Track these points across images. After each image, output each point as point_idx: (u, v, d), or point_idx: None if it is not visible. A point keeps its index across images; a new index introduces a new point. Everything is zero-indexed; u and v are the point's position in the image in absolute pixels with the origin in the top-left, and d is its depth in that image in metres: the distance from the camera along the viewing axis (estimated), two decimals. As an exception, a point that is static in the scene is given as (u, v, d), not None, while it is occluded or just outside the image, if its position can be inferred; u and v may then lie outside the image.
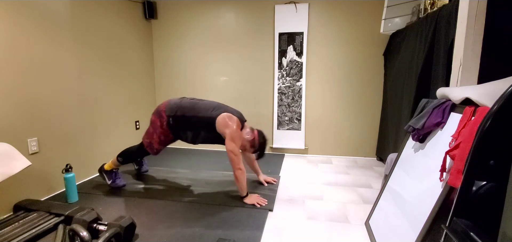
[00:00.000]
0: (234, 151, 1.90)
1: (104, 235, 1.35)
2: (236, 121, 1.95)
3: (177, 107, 2.04)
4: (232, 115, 1.97)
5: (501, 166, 0.80)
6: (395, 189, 1.56)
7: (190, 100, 2.09)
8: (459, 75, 1.46)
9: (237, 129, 1.93)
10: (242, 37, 3.27)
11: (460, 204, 0.87)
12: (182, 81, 3.51)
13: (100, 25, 2.60)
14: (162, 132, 2.09)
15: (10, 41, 1.84)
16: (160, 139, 2.11)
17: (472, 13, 1.39)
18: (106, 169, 2.26)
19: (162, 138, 2.10)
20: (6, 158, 1.56)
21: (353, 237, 1.61)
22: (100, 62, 2.61)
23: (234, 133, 1.90)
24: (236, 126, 1.93)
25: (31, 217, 1.68)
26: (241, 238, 1.57)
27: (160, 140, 2.11)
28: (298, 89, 3.22)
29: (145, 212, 1.88)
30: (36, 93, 2.02)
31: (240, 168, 1.93)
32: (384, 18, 2.63)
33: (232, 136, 1.90)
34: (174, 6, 3.35)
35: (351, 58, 3.08)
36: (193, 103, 2.05)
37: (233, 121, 1.94)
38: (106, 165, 2.26)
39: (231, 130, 1.91)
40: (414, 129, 1.50)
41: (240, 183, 1.97)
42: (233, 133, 1.90)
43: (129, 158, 2.23)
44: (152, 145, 2.12)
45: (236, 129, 1.92)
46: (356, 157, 3.24)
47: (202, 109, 2.00)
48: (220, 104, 2.06)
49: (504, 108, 0.80)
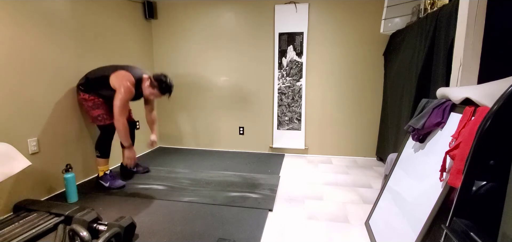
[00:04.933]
0: (117, 103, 2.02)
1: (104, 235, 1.35)
2: (127, 76, 2.08)
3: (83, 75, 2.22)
4: (125, 72, 2.10)
5: (501, 166, 0.80)
6: (395, 189, 1.56)
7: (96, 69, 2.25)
8: (459, 75, 1.46)
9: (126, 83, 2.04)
10: (242, 37, 3.27)
11: (460, 204, 0.87)
12: (182, 81, 3.51)
13: (100, 25, 2.60)
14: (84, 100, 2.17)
15: (11, 41, 1.84)
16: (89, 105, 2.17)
17: (472, 13, 1.39)
18: (100, 176, 2.27)
19: (89, 104, 2.17)
20: (6, 158, 1.56)
21: (353, 237, 1.61)
22: (100, 62, 2.60)
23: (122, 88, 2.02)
24: (126, 81, 2.05)
25: (31, 217, 1.68)
26: (241, 238, 1.57)
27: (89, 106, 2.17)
28: (298, 89, 3.22)
29: (145, 212, 1.88)
30: (37, 93, 2.02)
31: (119, 120, 2.04)
32: (384, 18, 2.63)
33: (120, 90, 2.02)
34: (174, 6, 3.35)
35: (351, 58, 3.08)
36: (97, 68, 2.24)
37: (124, 77, 2.06)
38: (99, 172, 2.27)
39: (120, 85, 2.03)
40: (414, 129, 1.50)
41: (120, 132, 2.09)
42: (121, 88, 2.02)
43: (101, 147, 2.22)
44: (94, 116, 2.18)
45: (126, 83, 2.04)
46: (356, 157, 3.25)
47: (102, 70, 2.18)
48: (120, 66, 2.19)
49: (504, 108, 0.80)
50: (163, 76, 2.19)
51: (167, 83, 2.20)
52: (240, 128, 3.48)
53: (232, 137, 3.52)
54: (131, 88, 2.07)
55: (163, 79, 2.18)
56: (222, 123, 3.51)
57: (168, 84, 2.21)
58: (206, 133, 3.57)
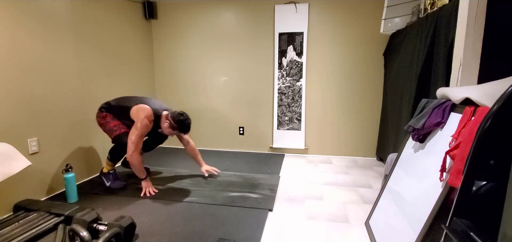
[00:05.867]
0: (132, 138, 2.04)
1: (104, 235, 1.35)
2: (147, 111, 2.09)
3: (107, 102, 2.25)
4: (145, 107, 2.12)
5: (501, 166, 0.80)
6: (395, 189, 1.56)
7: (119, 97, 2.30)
8: (459, 75, 1.46)
9: (144, 118, 2.05)
10: (242, 37, 3.27)
11: (460, 204, 0.87)
12: (182, 81, 3.51)
13: (100, 25, 2.60)
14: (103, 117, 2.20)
15: (11, 40, 1.84)
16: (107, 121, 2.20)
17: (472, 13, 1.39)
18: (104, 172, 2.28)
19: (108, 119, 2.20)
20: (6, 158, 1.56)
21: (353, 237, 1.61)
22: (100, 62, 2.61)
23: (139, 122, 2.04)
24: (144, 116, 2.06)
25: (31, 217, 1.68)
26: (241, 238, 1.57)
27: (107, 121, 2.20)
28: (298, 89, 3.22)
29: (145, 212, 1.88)
30: (36, 93, 2.02)
31: (131, 156, 2.05)
32: (384, 18, 2.63)
33: (137, 124, 2.05)
34: (174, 6, 3.35)
35: (351, 58, 3.08)
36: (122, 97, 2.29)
37: (143, 111, 2.08)
38: (104, 168, 2.29)
39: (137, 119, 2.06)
40: (414, 129, 1.50)
41: (133, 167, 2.11)
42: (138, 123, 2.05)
43: (113, 154, 2.24)
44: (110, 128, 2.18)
45: (143, 118, 2.05)
46: (356, 157, 3.24)
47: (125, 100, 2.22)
48: (144, 99, 2.23)
49: (504, 108, 0.80)
50: (182, 115, 2.18)
51: (186, 124, 2.19)
52: (240, 128, 3.48)
53: (232, 137, 3.51)
54: (148, 124, 2.09)
55: (182, 120, 2.17)
56: (222, 123, 3.51)
57: (187, 125, 2.21)
58: (206, 132, 3.57)
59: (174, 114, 2.17)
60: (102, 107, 2.22)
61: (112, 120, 2.20)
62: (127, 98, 2.26)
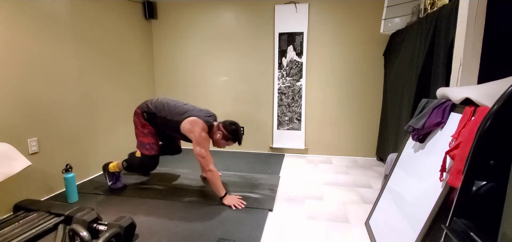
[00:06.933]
0: (201, 153, 1.95)
1: (104, 235, 1.35)
2: (200, 124, 1.98)
3: (150, 104, 2.11)
4: (197, 119, 2.00)
5: (501, 166, 0.80)
6: (395, 189, 1.56)
7: (162, 100, 2.14)
8: (459, 75, 1.46)
9: (201, 132, 1.96)
10: (242, 37, 3.27)
11: (460, 204, 0.87)
12: (183, 81, 3.51)
13: (100, 25, 2.60)
14: (142, 125, 2.11)
15: (10, 40, 1.84)
16: (144, 132, 2.12)
17: (472, 13, 1.39)
18: (109, 170, 2.24)
19: (145, 131, 2.12)
20: (6, 158, 1.56)
21: (353, 237, 1.61)
22: (100, 62, 2.61)
23: (198, 137, 1.95)
24: (200, 129, 1.96)
25: (31, 217, 1.68)
26: (241, 238, 1.57)
27: (144, 133, 2.12)
28: (298, 89, 3.22)
29: (145, 212, 1.88)
30: (36, 93, 2.02)
31: (210, 170, 1.95)
32: (384, 18, 2.63)
33: (197, 140, 1.95)
34: (174, 6, 3.35)
35: (351, 58, 3.08)
36: (164, 104, 2.10)
37: (197, 125, 1.97)
38: (110, 165, 2.24)
39: (194, 134, 1.95)
40: (414, 129, 1.50)
41: (213, 184, 1.99)
42: (197, 138, 1.95)
43: (132, 168, 2.21)
44: (143, 143, 2.12)
45: (200, 131, 1.96)
46: (356, 157, 3.24)
47: (171, 112, 2.06)
48: (188, 108, 2.09)
49: (504, 108, 0.80)
50: (234, 125, 2.09)
51: (240, 134, 2.11)
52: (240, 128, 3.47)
53: (232, 137, 3.51)
54: (208, 138, 2.04)
55: (235, 129, 2.07)
56: (222, 123, 3.50)
57: (241, 135, 2.14)
58: (206, 133, 3.57)
59: (226, 124, 2.07)
60: (144, 112, 2.08)
61: (150, 135, 2.11)
62: (171, 107, 2.07)
